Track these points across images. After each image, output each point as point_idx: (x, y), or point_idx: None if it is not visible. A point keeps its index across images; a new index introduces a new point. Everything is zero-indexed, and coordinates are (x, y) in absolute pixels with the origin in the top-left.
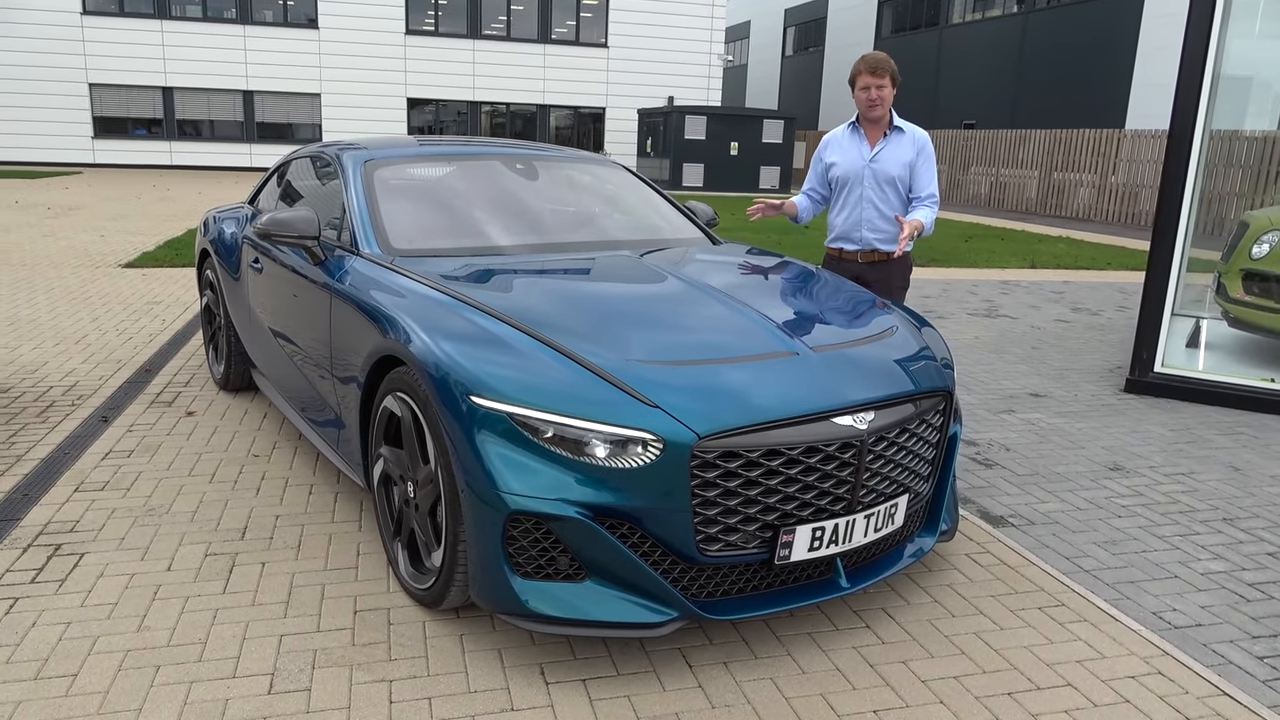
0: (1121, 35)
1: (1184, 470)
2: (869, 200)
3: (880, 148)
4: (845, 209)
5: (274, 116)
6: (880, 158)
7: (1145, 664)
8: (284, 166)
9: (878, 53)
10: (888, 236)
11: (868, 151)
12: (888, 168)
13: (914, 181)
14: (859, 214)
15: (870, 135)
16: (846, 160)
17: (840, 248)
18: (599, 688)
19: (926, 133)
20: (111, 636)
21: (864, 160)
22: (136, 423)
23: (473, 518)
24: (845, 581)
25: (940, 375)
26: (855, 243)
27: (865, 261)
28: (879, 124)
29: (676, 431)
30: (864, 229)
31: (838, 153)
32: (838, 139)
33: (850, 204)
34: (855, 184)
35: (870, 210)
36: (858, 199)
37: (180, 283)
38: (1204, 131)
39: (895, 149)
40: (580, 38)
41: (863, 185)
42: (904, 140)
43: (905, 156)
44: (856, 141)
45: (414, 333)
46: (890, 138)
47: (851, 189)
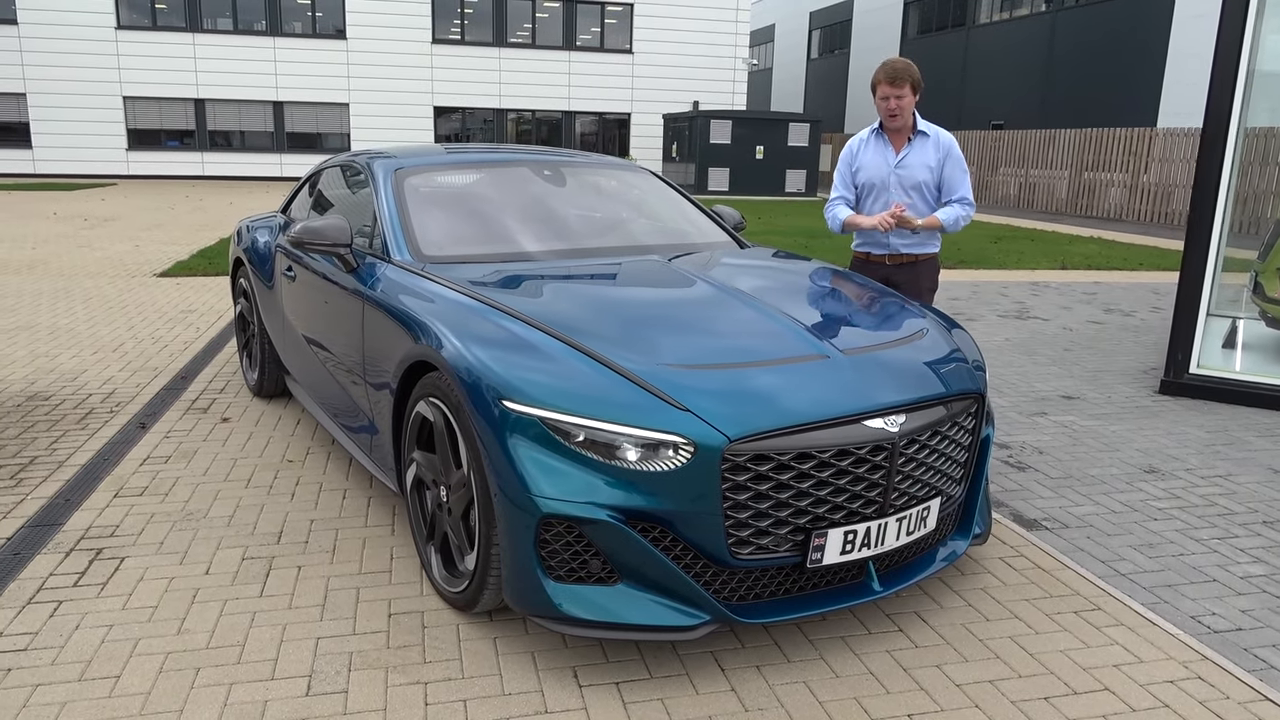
0: (1152, 34)
1: (1221, 473)
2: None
3: (905, 153)
4: (872, 214)
5: (303, 126)
6: (906, 163)
7: (1184, 668)
8: (315, 176)
9: (898, 60)
10: (915, 240)
11: (893, 157)
12: (914, 173)
13: (944, 185)
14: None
15: (895, 141)
16: (872, 166)
17: (868, 251)
18: (632, 690)
19: (951, 135)
20: (152, 639)
21: (889, 166)
22: (174, 429)
23: (506, 521)
24: (878, 585)
25: (972, 377)
26: (883, 247)
27: (893, 264)
28: (902, 131)
29: (707, 435)
30: (891, 234)
31: (863, 158)
32: (863, 144)
33: (877, 210)
34: (882, 190)
35: None
36: (884, 205)
37: (213, 291)
38: (1239, 129)
39: (920, 153)
40: (605, 44)
41: (889, 191)
42: (928, 144)
43: (930, 160)
44: (881, 147)
45: (446, 338)
46: (915, 143)
47: (878, 195)
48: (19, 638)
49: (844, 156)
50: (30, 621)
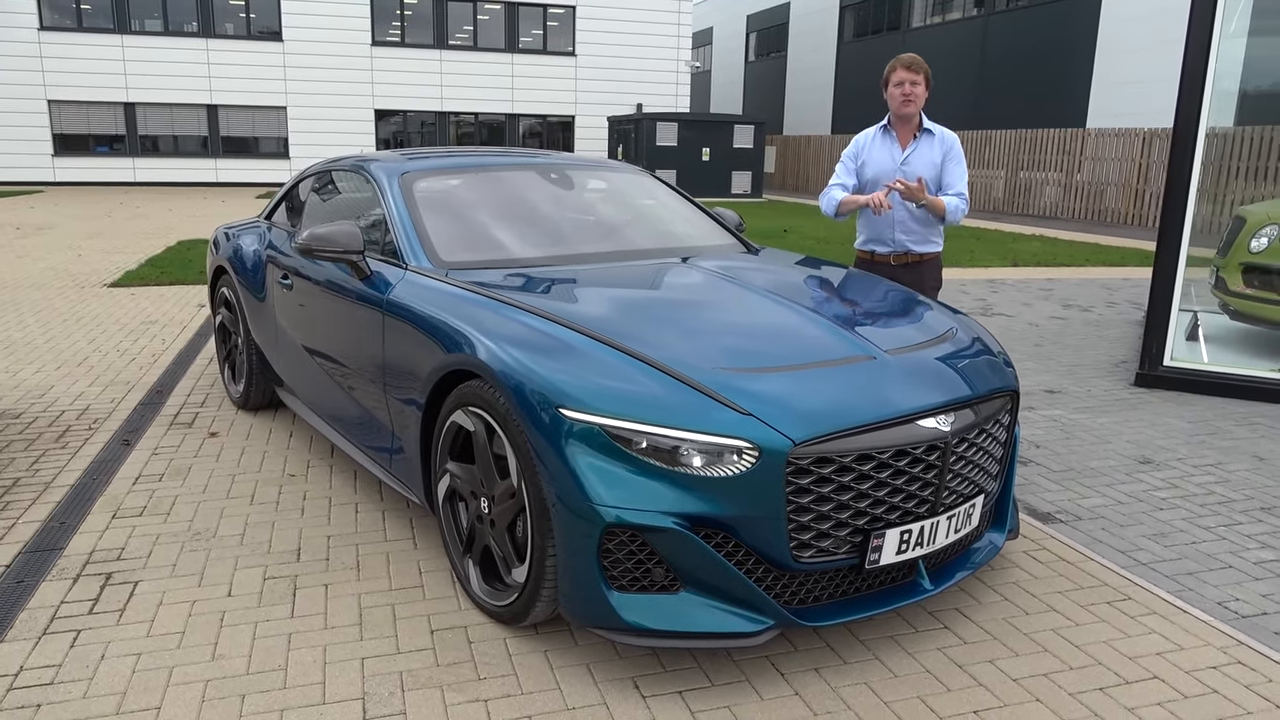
0: (1080, 36)
1: (1211, 462)
2: (900, 202)
3: (911, 150)
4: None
5: (239, 131)
6: (911, 160)
7: (1223, 654)
8: (301, 182)
9: (909, 54)
10: (919, 237)
11: (899, 154)
12: (920, 170)
13: (945, 179)
14: (890, 216)
15: (901, 137)
16: (878, 162)
17: (872, 250)
18: (697, 699)
19: (955, 134)
20: (187, 666)
21: (895, 163)
22: (160, 445)
23: (565, 532)
24: (928, 584)
25: (1005, 374)
26: (888, 244)
27: (898, 263)
28: (910, 124)
29: (772, 439)
30: (896, 230)
31: (869, 154)
32: (869, 141)
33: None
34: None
35: (902, 212)
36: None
37: (172, 301)
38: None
39: (925, 151)
40: (548, 46)
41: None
42: (933, 142)
43: (935, 158)
44: (888, 144)
45: (489, 346)
46: (920, 140)
47: (882, 192)
48: (43, 671)
49: (849, 150)
50: (51, 653)
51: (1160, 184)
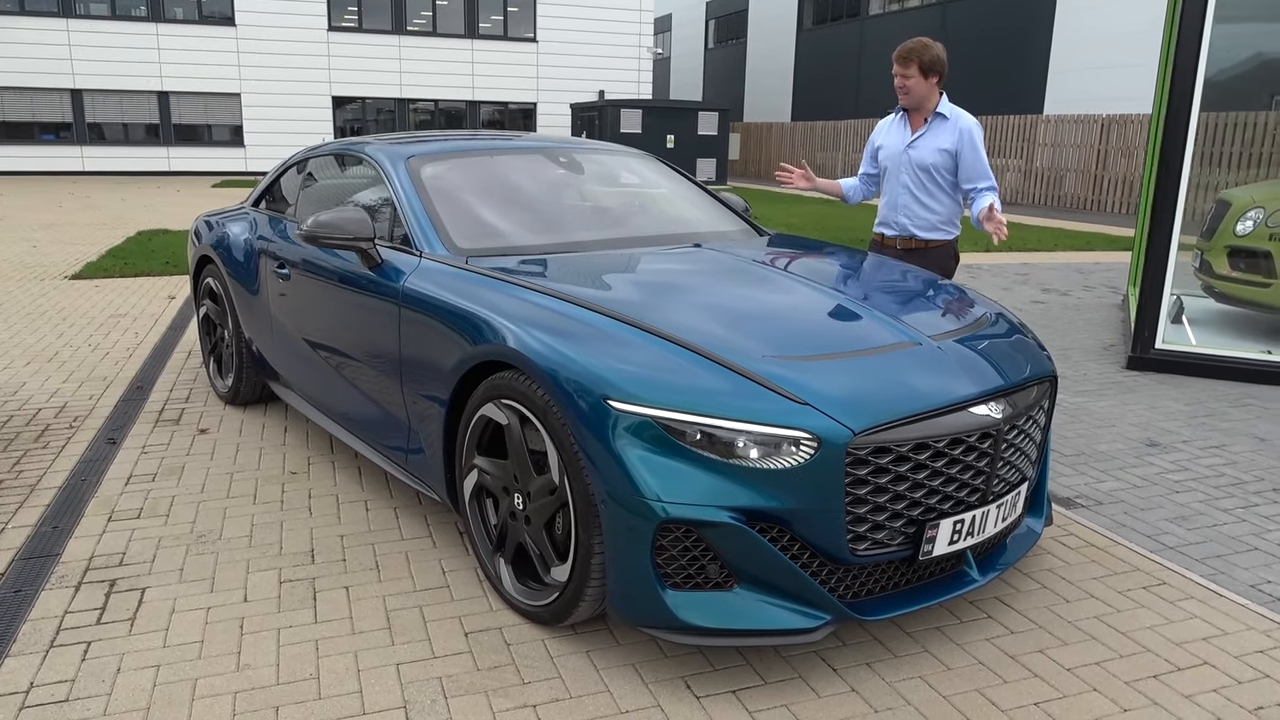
0: (1037, 24)
1: (1215, 443)
2: (905, 186)
3: (920, 134)
4: (886, 194)
5: (192, 118)
6: (918, 144)
7: (1267, 638)
8: (291, 168)
9: (913, 40)
10: (925, 224)
11: (908, 137)
12: (924, 155)
13: (964, 170)
14: (895, 199)
15: (913, 122)
16: (889, 146)
17: (881, 233)
18: (753, 699)
19: (974, 120)
20: (212, 678)
21: (902, 146)
22: (149, 444)
23: (616, 528)
24: (976, 574)
25: (1044, 359)
26: (893, 228)
27: (904, 249)
28: (920, 111)
29: (831, 429)
30: (900, 214)
31: (883, 137)
32: (887, 124)
33: (890, 189)
34: (895, 170)
35: (906, 196)
36: (895, 185)
37: (139, 293)
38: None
39: (934, 136)
40: (508, 32)
41: (900, 171)
42: (945, 127)
43: (945, 143)
44: (900, 127)
45: (525, 336)
46: (931, 124)
47: (893, 175)
48: (56, 687)
49: (872, 135)
50: (62, 668)
51: (1118, 170)
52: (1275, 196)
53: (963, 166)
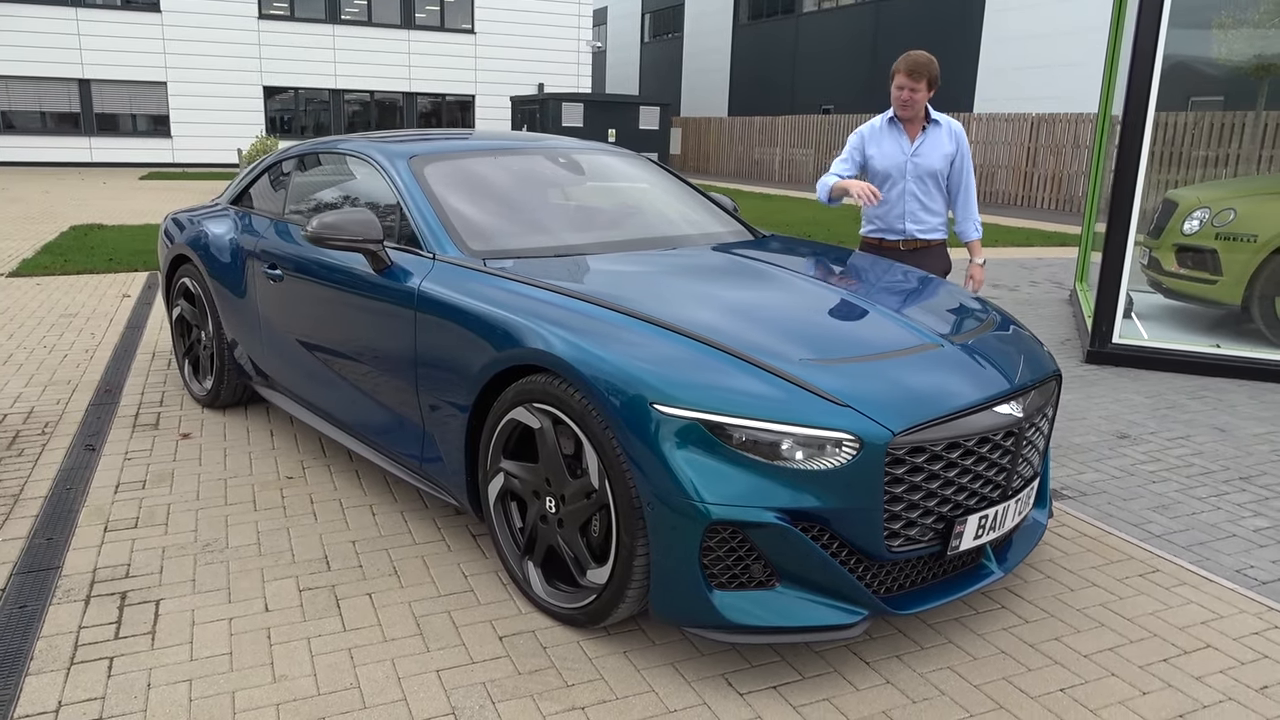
0: (967, 23)
1: (1180, 435)
2: (911, 194)
3: (920, 142)
4: (885, 203)
5: (115, 107)
6: (921, 151)
7: (1260, 620)
8: (273, 166)
9: (920, 54)
10: (928, 226)
11: (908, 146)
12: (929, 161)
13: (956, 180)
14: (902, 207)
15: (909, 130)
16: (887, 154)
17: (880, 237)
18: (794, 693)
19: (960, 125)
20: (249, 690)
21: (905, 155)
22: (131, 450)
23: (663, 530)
24: (996, 567)
25: (1050, 358)
26: (896, 233)
27: (906, 249)
28: (915, 121)
29: (871, 430)
30: (906, 220)
31: (876, 145)
32: (876, 132)
33: (893, 197)
34: (898, 178)
35: (913, 203)
36: (900, 193)
37: (86, 291)
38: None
39: (935, 143)
40: (445, 24)
41: (905, 179)
42: (941, 133)
43: (945, 149)
44: (895, 135)
45: (565, 340)
46: (929, 131)
47: (894, 183)
48: (87, 705)
49: (854, 140)
50: (89, 685)
51: (1047, 168)
52: (1220, 198)
53: (956, 170)
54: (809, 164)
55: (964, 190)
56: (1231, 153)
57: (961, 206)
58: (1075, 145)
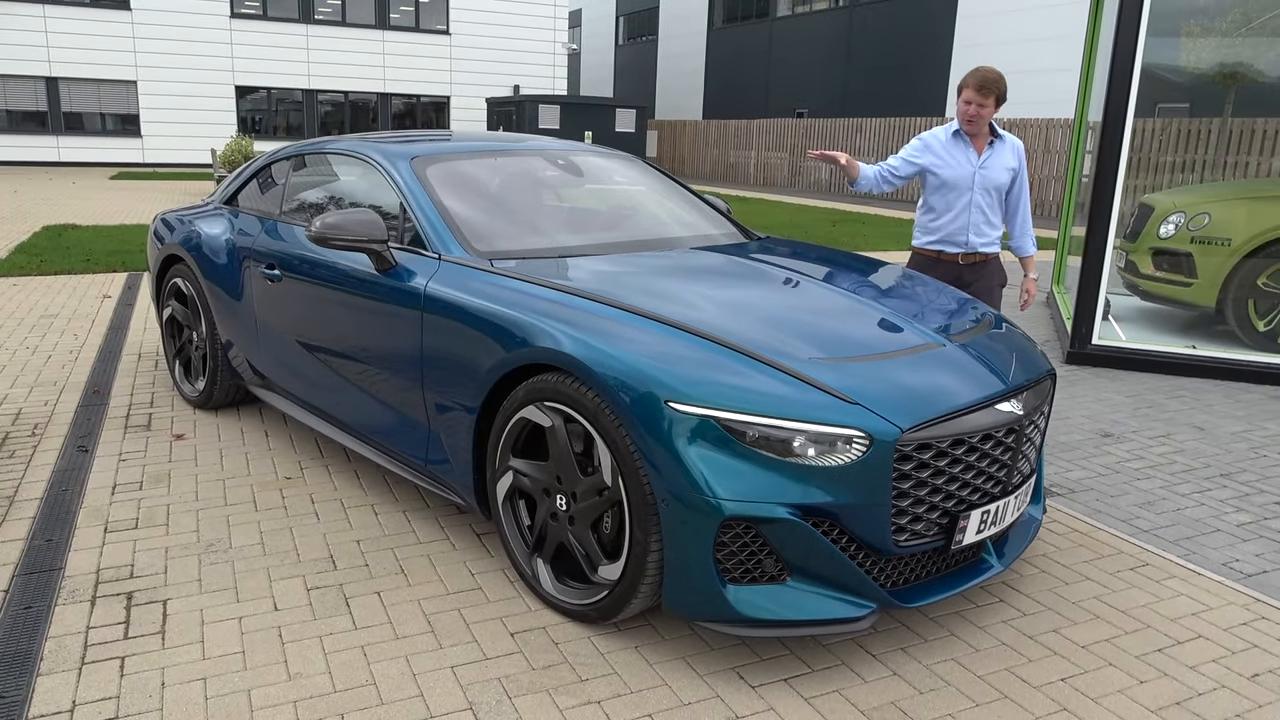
0: (939, 30)
1: (1161, 433)
2: (977, 206)
3: (987, 155)
4: (951, 214)
5: (84, 106)
6: (988, 165)
7: (1247, 611)
8: (269, 167)
9: (990, 70)
10: (988, 240)
11: (975, 159)
12: (995, 175)
13: (1016, 195)
14: (966, 219)
15: (975, 143)
16: (953, 167)
17: (940, 250)
18: (805, 686)
19: (1021, 142)
20: (265, 688)
21: (973, 167)
22: (125, 451)
23: (678, 526)
24: (996, 561)
25: (1044, 358)
26: (959, 246)
27: (965, 263)
28: (980, 135)
29: (880, 427)
30: (970, 233)
31: (940, 157)
32: (940, 144)
33: (958, 210)
34: (964, 190)
35: (978, 215)
36: (966, 205)
37: (65, 292)
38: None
39: (1000, 156)
40: (420, 24)
41: (972, 192)
42: (1004, 148)
43: (1010, 163)
44: (962, 148)
45: (579, 339)
46: (995, 146)
47: (960, 195)
48: (101, 705)
49: (915, 145)
50: (102, 685)
51: None
52: (1194, 202)
53: (1019, 192)
54: (783, 167)
55: (1022, 206)
56: (1198, 159)
57: (1020, 222)
58: (1046, 150)
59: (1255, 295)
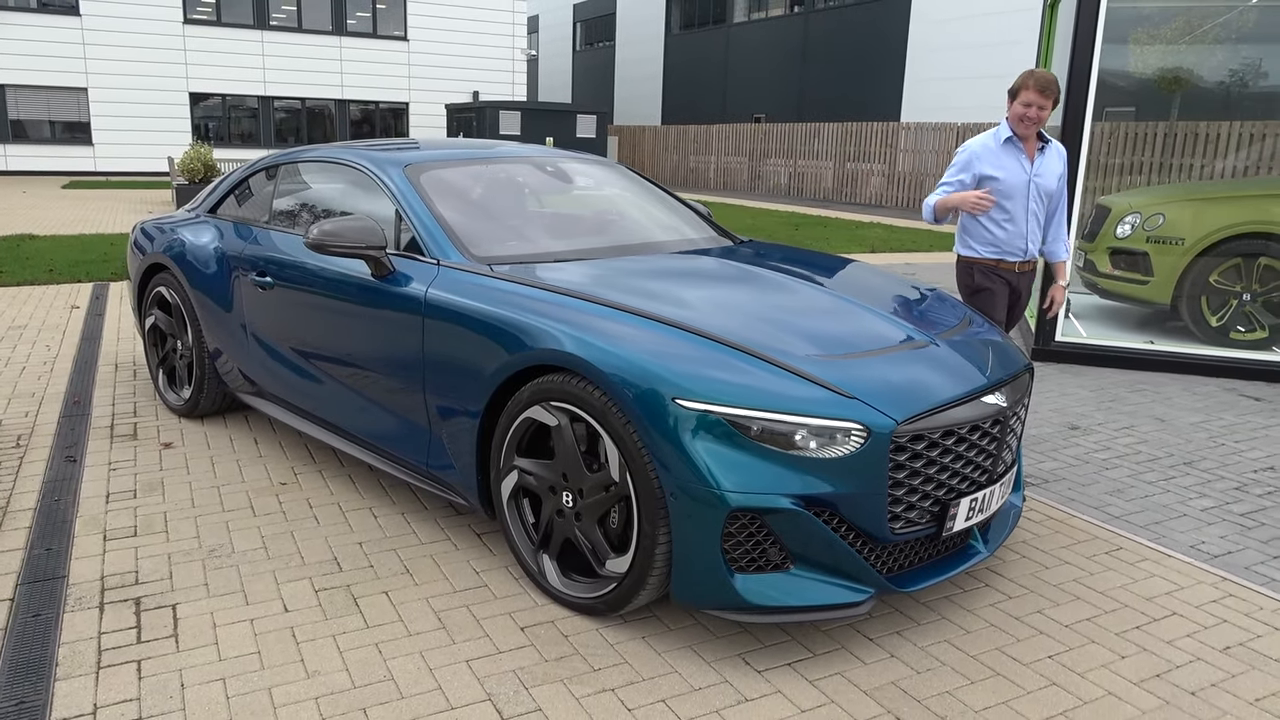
0: (892, 35)
1: (1125, 425)
2: (1033, 213)
3: (1039, 162)
4: (1009, 222)
5: (31, 114)
6: (1040, 171)
7: (1216, 589)
8: (254, 175)
9: (1047, 72)
10: (1038, 245)
11: (1028, 165)
12: (1049, 182)
13: (1057, 200)
14: (1024, 226)
15: (1027, 148)
16: (1009, 175)
17: (1000, 259)
18: (808, 669)
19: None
20: (285, 686)
21: (1027, 174)
22: (114, 461)
23: (686, 519)
24: (982, 547)
25: (1022, 354)
26: (1017, 254)
27: (1021, 270)
28: (1030, 139)
29: (877, 419)
30: (1028, 240)
31: (994, 165)
32: (991, 151)
33: (1016, 217)
34: (1020, 198)
35: (1034, 223)
36: (1023, 212)
37: (31, 303)
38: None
39: (1050, 162)
40: (378, 30)
41: (1027, 199)
42: (1052, 152)
43: (1058, 168)
44: (1014, 154)
45: (586, 341)
46: (1045, 151)
47: (1017, 203)
48: (124, 707)
49: (962, 159)
50: (121, 688)
51: None
52: (1149, 203)
53: (1060, 197)
54: (743, 171)
55: (1061, 210)
56: (1146, 161)
57: (1057, 226)
58: None
59: (1208, 292)
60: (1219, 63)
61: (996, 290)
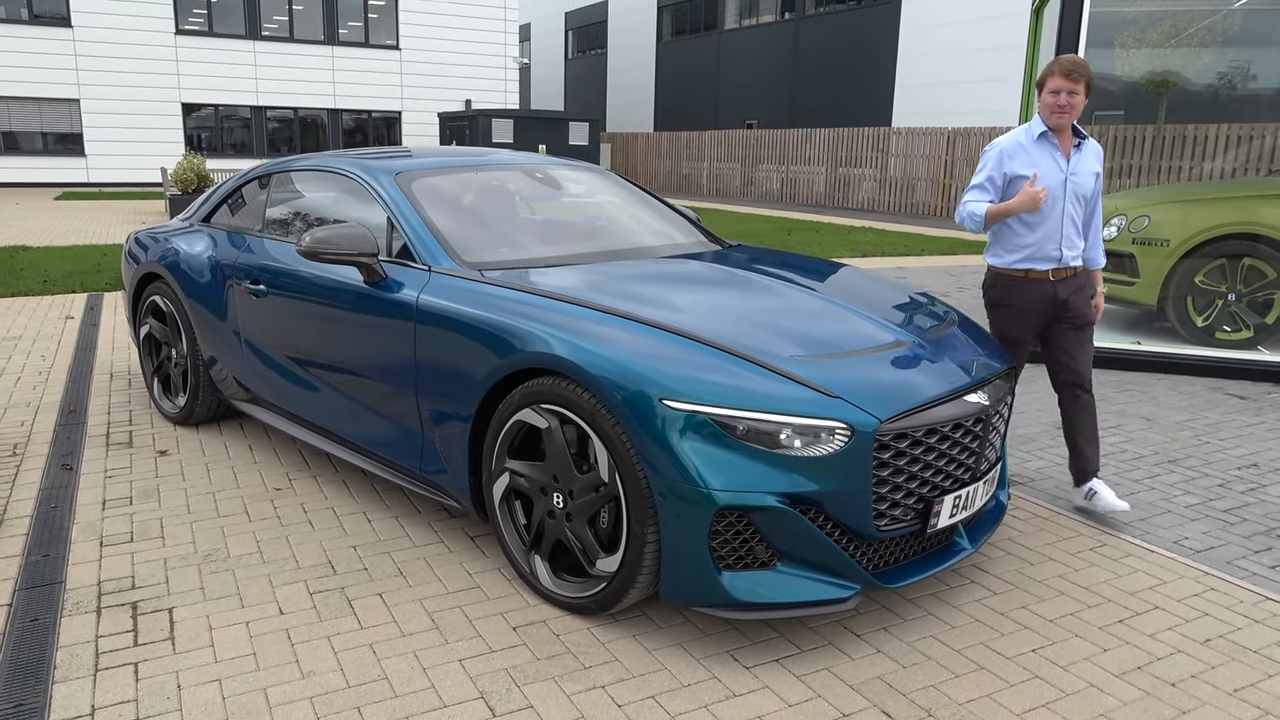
0: (883, 41)
1: (1112, 424)
2: (1068, 216)
3: (1075, 160)
4: (1042, 225)
5: (23, 125)
6: (1077, 170)
7: (1198, 583)
8: (247, 185)
9: (1074, 55)
10: (1077, 252)
11: (1064, 164)
12: (1085, 181)
13: (1092, 203)
14: (1056, 231)
15: (1062, 144)
16: (1044, 172)
17: (1028, 268)
18: (796, 665)
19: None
20: (281, 686)
21: (1063, 173)
22: (110, 468)
23: (674, 518)
24: (967, 544)
25: (1002, 353)
26: (1050, 261)
27: (1057, 279)
28: (1065, 134)
29: (860, 418)
30: (1062, 245)
31: (1027, 163)
32: (1023, 148)
33: (1049, 220)
34: (1054, 198)
35: (1069, 226)
36: (1058, 215)
37: (25, 314)
38: None
39: (1086, 160)
40: (370, 39)
41: (1063, 200)
42: (1088, 149)
43: (1095, 166)
44: (1049, 151)
45: (576, 344)
46: (1082, 148)
47: (1051, 204)
48: (121, 708)
49: (991, 159)
50: (119, 689)
51: (964, 180)
52: (1135, 205)
53: (1096, 200)
54: (735, 177)
55: (1098, 214)
56: (1134, 163)
57: (1094, 231)
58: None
59: (1193, 293)
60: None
61: (1019, 307)
